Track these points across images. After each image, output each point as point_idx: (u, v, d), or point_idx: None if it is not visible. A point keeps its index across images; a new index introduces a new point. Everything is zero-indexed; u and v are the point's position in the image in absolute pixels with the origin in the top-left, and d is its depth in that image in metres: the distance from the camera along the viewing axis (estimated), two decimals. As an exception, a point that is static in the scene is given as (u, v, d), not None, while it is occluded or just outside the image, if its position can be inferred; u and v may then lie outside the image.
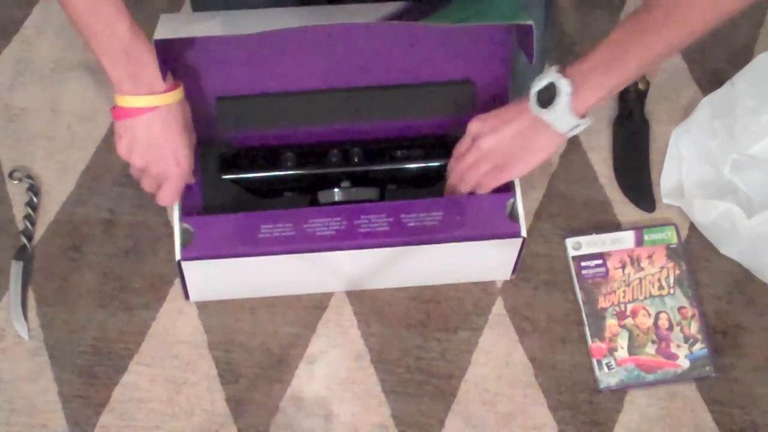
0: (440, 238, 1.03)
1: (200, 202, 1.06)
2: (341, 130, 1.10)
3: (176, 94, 0.98)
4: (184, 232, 1.02)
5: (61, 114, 1.22)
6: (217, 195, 1.07)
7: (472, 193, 1.05)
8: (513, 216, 1.04)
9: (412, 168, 1.09)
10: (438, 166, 1.08)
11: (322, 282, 1.11)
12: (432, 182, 1.10)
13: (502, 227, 1.03)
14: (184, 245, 1.02)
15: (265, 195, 1.10)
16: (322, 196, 1.07)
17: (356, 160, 1.08)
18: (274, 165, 1.07)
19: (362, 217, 1.03)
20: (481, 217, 1.04)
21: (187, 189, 1.05)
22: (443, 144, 1.08)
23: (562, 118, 0.95)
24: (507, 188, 1.05)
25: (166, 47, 0.95)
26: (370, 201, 1.07)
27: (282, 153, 1.08)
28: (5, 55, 1.26)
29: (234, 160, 1.08)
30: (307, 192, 1.09)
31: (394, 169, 1.09)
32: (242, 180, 1.08)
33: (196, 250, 1.01)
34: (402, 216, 1.03)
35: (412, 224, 1.02)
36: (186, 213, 1.04)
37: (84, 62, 1.25)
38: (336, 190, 1.07)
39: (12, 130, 1.21)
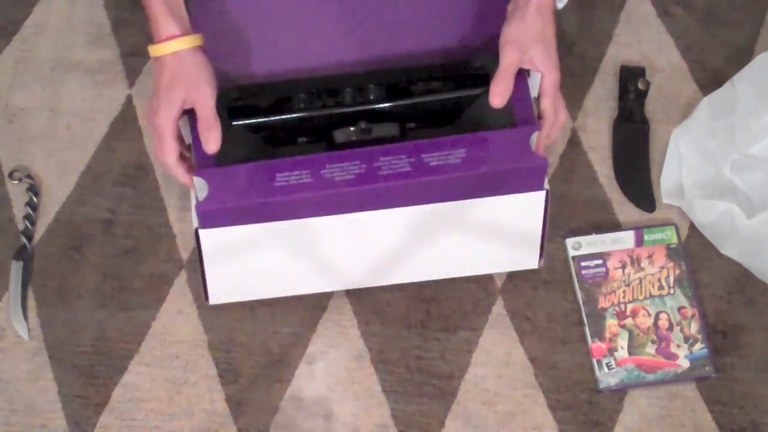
0: (464, 175, 0.98)
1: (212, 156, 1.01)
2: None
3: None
4: (199, 187, 0.98)
5: (61, 114, 1.22)
6: (230, 146, 1.01)
7: (497, 125, 1.02)
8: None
9: (432, 101, 1.03)
10: (458, 98, 1.03)
11: (342, 269, 1.08)
12: (454, 117, 1.05)
13: (527, 160, 0.99)
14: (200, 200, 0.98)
15: (279, 142, 1.05)
16: (339, 135, 1.01)
17: (372, 97, 1.02)
18: (287, 108, 1.02)
19: (382, 159, 0.98)
20: (506, 151, 0.99)
21: (198, 144, 1.01)
22: (462, 75, 1.04)
23: None
24: (530, 119, 1.02)
25: None
26: (391, 139, 1.01)
27: (294, 94, 1.02)
28: (5, 55, 1.26)
29: (244, 106, 1.03)
30: (322, 138, 1.03)
31: (413, 105, 1.03)
32: (254, 125, 1.02)
33: (212, 202, 0.97)
34: (423, 155, 0.98)
35: (434, 163, 0.98)
36: (199, 166, 1.00)
37: (84, 62, 1.25)
38: (353, 128, 1.01)
39: (12, 130, 1.21)
